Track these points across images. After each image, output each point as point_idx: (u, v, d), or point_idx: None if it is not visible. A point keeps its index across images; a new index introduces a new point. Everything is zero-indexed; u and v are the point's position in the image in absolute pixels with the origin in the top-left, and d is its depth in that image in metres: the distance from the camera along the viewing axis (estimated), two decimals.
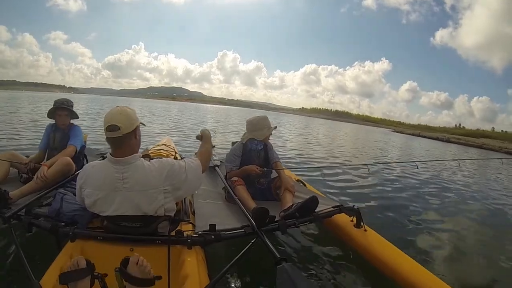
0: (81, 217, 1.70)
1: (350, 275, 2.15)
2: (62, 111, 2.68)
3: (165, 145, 3.93)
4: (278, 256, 1.46)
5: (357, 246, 2.15)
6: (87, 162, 2.83)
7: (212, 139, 1.97)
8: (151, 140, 6.18)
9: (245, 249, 1.59)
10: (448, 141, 34.16)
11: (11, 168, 2.46)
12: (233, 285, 1.86)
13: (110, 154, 1.44)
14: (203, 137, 1.92)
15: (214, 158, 3.60)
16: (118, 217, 1.44)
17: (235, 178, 2.50)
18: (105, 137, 1.43)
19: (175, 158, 3.47)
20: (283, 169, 2.71)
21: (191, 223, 1.89)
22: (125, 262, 1.15)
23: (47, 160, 2.66)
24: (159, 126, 12.23)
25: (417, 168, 3.97)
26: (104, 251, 1.50)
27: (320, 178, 4.45)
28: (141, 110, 22.57)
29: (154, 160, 1.53)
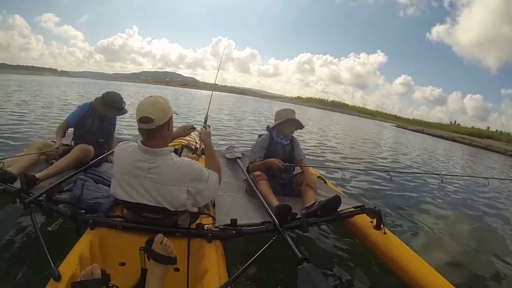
0: (101, 205, 1.70)
1: (368, 278, 2.09)
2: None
3: None
4: (300, 255, 1.41)
5: (376, 248, 2.08)
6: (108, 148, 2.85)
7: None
8: None
9: (265, 246, 1.54)
10: (453, 140, 33.34)
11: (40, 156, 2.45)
12: (251, 282, 1.82)
13: (141, 141, 1.41)
14: (204, 144, 1.85)
15: (235, 150, 3.57)
16: (139, 206, 1.41)
17: (258, 173, 2.45)
18: (138, 127, 1.40)
19: (195, 147, 3.45)
20: (307, 166, 2.64)
21: (211, 216, 1.86)
22: (150, 241, 1.16)
23: (76, 140, 2.70)
24: None
25: (442, 182, 3.80)
26: (123, 240, 1.49)
27: (340, 176, 4.35)
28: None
29: (185, 158, 1.49)
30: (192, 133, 4.11)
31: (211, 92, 2.96)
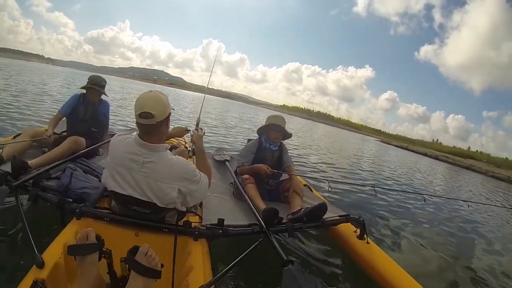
0: (88, 195, 1.68)
1: (350, 286, 2.12)
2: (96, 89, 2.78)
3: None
4: (285, 258, 1.43)
5: (359, 258, 2.12)
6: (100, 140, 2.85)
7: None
8: None
9: (251, 247, 1.56)
10: (436, 158, 34.20)
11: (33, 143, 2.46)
12: (235, 282, 1.83)
13: (138, 135, 1.40)
14: (196, 146, 1.84)
15: (224, 153, 3.59)
16: (129, 199, 1.40)
17: (246, 176, 2.46)
18: (136, 121, 1.39)
19: (185, 147, 3.45)
20: (294, 174, 2.67)
21: (198, 215, 1.86)
22: (134, 251, 1.08)
23: (69, 129, 2.72)
24: None
25: (424, 201, 3.85)
26: (108, 233, 1.46)
27: (326, 187, 4.40)
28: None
29: (179, 157, 1.49)
30: None
31: (197, 93, 2.99)
